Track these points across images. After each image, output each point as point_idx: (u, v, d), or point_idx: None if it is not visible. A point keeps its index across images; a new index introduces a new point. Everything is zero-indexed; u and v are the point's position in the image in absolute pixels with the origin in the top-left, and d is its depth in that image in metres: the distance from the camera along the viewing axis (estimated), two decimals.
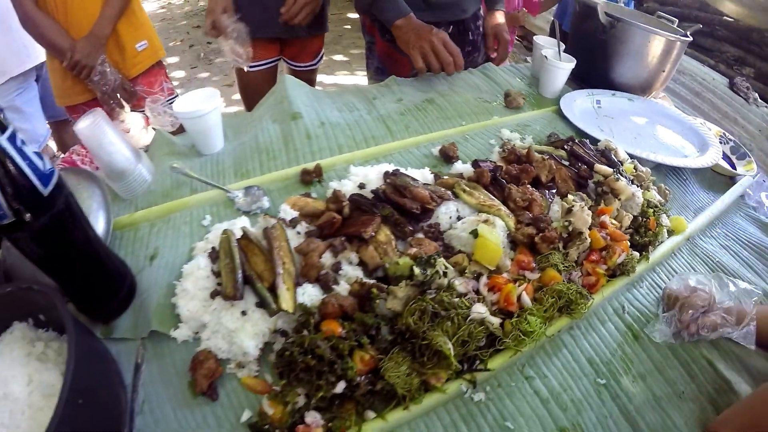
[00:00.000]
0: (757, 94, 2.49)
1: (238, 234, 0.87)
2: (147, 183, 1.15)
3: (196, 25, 7.11)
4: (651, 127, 1.55)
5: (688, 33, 1.61)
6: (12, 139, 0.65)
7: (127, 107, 2.02)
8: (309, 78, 2.52)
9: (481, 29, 2.15)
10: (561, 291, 0.86)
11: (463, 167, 1.14)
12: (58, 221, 0.73)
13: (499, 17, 2.04)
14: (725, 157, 1.55)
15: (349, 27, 5.56)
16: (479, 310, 0.78)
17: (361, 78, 4.74)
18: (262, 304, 0.77)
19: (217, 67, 5.54)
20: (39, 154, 0.68)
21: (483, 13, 2.20)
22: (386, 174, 0.97)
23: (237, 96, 4.66)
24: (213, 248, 0.86)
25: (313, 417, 0.69)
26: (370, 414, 0.72)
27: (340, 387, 0.69)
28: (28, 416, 0.73)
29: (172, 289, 0.87)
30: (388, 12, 1.69)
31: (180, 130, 1.37)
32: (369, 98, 1.46)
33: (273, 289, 0.77)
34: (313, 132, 1.24)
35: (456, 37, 1.97)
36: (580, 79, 1.72)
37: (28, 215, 0.68)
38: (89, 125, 1.06)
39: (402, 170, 1.04)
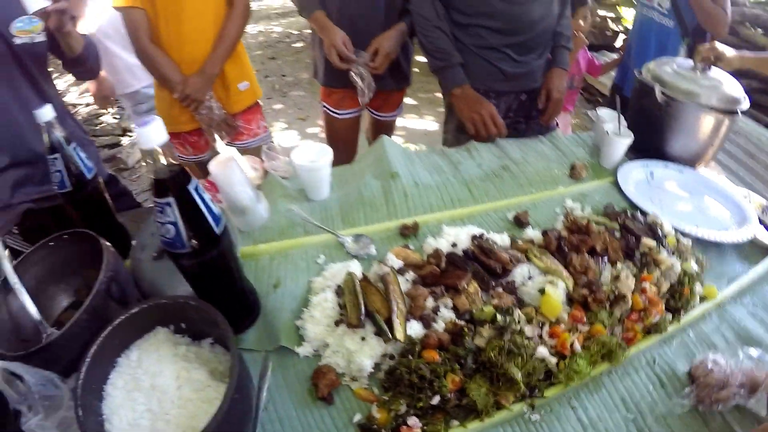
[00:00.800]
0: None
1: (359, 275, 1.12)
2: (264, 220, 1.42)
3: (271, 56, 7.33)
4: (698, 198, 1.70)
5: (741, 106, 1.73)
6: (197, 188, 0.90)
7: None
8: (390, 127, 2.77)
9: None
10: (605, 342, 1.08)
11: (533, 233, 1.38)
12: (222, 254, 0.98)
13: (556, 75, 2.16)
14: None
15: (417, 70, 5.81)
16: (542, 350, 1.03)
17: (428, 122, 4.90)
18: (379, 333, 1.02)
19: (292, 99, 5.76)
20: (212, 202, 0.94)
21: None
22: (474, 237, 1.22)
23: (311, 129, 4.95)
24: (338, 286, 1.12)
25: (414, 421, 0.92)
26: (455, 422, 0.95)
27: (435, 400, 0.94)
28: (178, 406, 0.88)
29: (297, 314, 1.12)
30: (448, 80, 1.94)
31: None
32: (454, 162, 1.70)
33: (388, 322, 1.02)
34: (409, 191, 1.50)
35: (526, 104, 2.18)
36: (637, 149, 1.85)
37: (201, 248, 0.91)
38: (222, 165, 1.34)
39: (485, 233, 1.29)
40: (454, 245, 1.24)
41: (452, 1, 1.95)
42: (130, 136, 5.24)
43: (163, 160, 0.87)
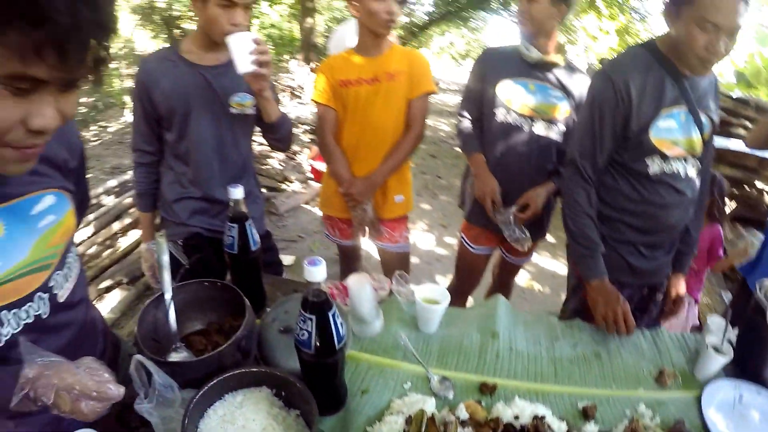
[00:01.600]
0: None
1: (429, 413, 1.33)
2: (376, 333, 1.68)
3: (432, 154, 7.71)
4: None
5: None
6: (334, 314, 1.20)
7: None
8: (517, 268, 2.98)
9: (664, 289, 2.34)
10: None
11: (592, 429, 1.41)
12: (334, 362, 1.26)
13: (676, 280, 2.30)
14: None
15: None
16: None
17: (560, 265, 4.92)
18: None
19: (439, 203, 6.08)
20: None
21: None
22: (535, 417, 1.37)
23: (449, 239, 5.23)
24: (410, 416, 1.33)
25: None
26: None
27: None
28: None
29: (371, 422, 1.34)
30: (590, 269, 1.97)
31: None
32: (553, 337, 1.80)
33: None
34: (502, 353, 1.65)
35: (646, 297, 2.26)
36: (736, 363, 1.75)
37: (321, 354, 1.20)
38: (357, 282, 1.64)
39: (548, 416, 1.39)
40: (516, 417, 1.38)
41: (602, 193, 2.08)
42: (288, 186, 5.83)
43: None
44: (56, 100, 0.85)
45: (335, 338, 1.20)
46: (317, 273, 1.13)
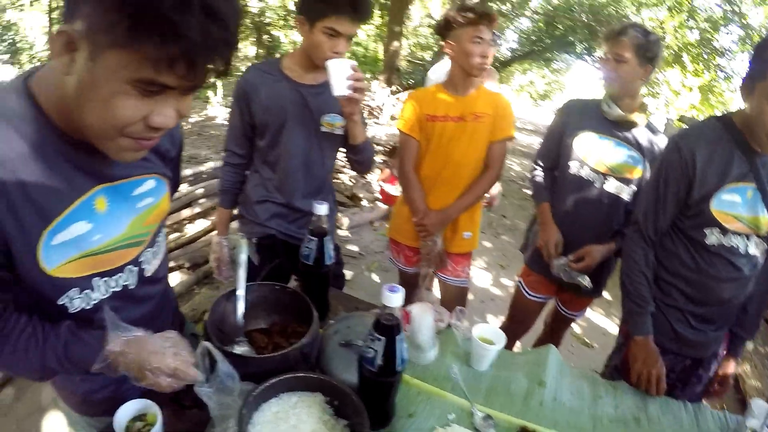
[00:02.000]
0: None
1: None
2: (430, 362, 1.76)
3: (501, 192, 7.76)
4: None
5: None
6: (402, 339, 1.30)
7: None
8: (569, 321, 3.01)
9: (712, 369, 2.29)
10: None
11: None
12: (392, 383, 1.35)
13: (726, 363, 2.25)
14: None
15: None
16: None
17: (612, 324, 4.83)
18: None
19: (501, 243, 6.09)
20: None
21: (722, 356, 2.31)
22: None
23: (505, 281, 5.24)
24: None
25: None
26: None
27: None
28: None
29: None
30: (637, 326, 2.04)
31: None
32: (596, 394, 1.83)
33: None
34: (545, 402, 1.69)
35: (688, 369, 2.23)
36: None
37: (382, 373, 1.30)
38: (420, 310, 1.73)
39: None
40: None
41: (661, 256, 2.11)
42: (357, 202, 5.96)
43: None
44: (176, 102, 0.98)
45: (398, 360, 1.29)
46: (395, 299, 1.24)
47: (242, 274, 1.60)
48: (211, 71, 0.94)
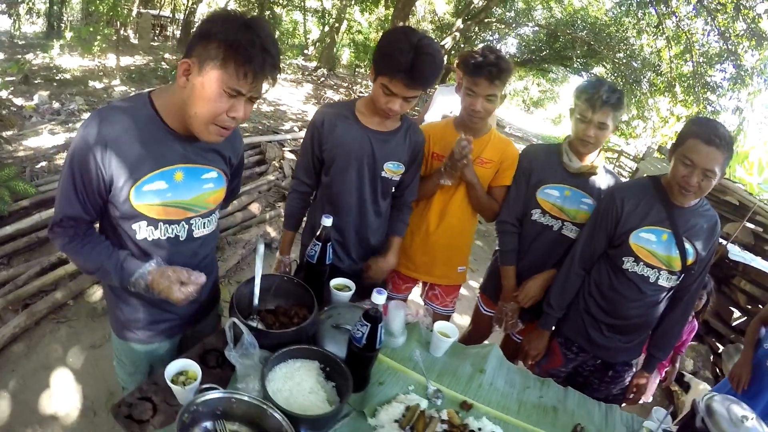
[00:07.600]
0: None
1: (421, 408, 1.86)
2: (399, 346, 2.21)
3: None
4: None
5: None
6: (382, 326, 1.75)
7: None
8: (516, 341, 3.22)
9: (626, 377, 2.65)
10: None
11: None
12: (371, 357, 1.81)
13: (640, 375, 2.62)
14: None
15: None
16: None
17: None
18: None
19: (473, 247, 6.03)
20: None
21: (637, 366, 2.68)
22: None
23: (473, 282, 5.53)
24: (408, 406, 1.85)
25: None
26: None
27: None
28: (301, 398, 1.63)
29: (381, 404, 1.85)
30: (546, 322, 2.74)
31: None
32: (525, 385, 2.23)
33: None
34: (483, 385, 2.14)
35: (600, 368, 2.65)
36: None
37: (365, 349, 1.75)
38: (396, 306, 2.19)
39: None
40: (479, 429, 1.86)
41: (590, 274, 2.60)
42: None
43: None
44: (245, 106, 1.56)
45: (377, 341, 1.76)
46: (380, 299, 1.73)
47: (259, 264, 1.92)
48: (264, 85, 1.56)
